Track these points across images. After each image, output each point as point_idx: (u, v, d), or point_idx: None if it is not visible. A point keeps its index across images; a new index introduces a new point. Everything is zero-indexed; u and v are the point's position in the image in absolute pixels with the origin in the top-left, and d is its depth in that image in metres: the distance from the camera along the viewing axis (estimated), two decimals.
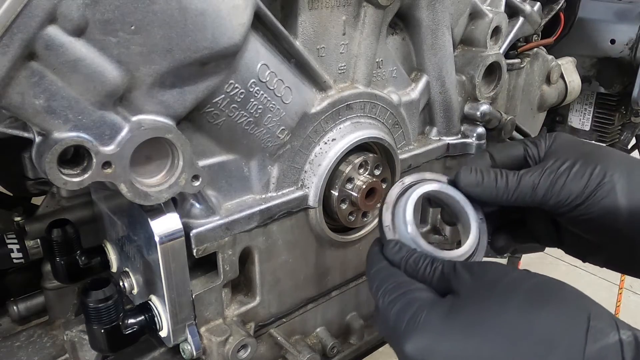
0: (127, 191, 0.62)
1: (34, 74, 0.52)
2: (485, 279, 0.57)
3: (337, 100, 0.82)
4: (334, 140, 0.83)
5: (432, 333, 0.54)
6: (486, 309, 0.53)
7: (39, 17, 0.50)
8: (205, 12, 0.59)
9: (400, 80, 0.94)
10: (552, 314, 0.50)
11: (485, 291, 0.55)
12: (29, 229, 0.85)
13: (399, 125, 0.94)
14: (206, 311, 0.77)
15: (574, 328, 0.48)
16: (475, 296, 0.56)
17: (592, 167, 0.65)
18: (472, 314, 0.54)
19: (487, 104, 1.06)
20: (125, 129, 0.60)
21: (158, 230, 0.67)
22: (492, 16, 1.02)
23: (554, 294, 0.53)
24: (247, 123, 0.72)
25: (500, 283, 0.55)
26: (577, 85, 1.38)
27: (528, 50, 1.23)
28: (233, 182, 0.76)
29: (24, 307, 0.94)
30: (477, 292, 0.56)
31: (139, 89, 0.60)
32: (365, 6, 0.81)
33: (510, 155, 0.72)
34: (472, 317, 0.54)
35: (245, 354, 0.79)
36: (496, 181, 0.67)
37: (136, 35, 0.56)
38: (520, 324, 0.51)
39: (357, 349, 1.03)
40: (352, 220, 0.88)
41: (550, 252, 2.61)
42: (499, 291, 0.54)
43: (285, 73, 0.74)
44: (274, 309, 0.88)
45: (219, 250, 0.75)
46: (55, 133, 0.56)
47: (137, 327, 0.73)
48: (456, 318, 0.54)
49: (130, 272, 0.78)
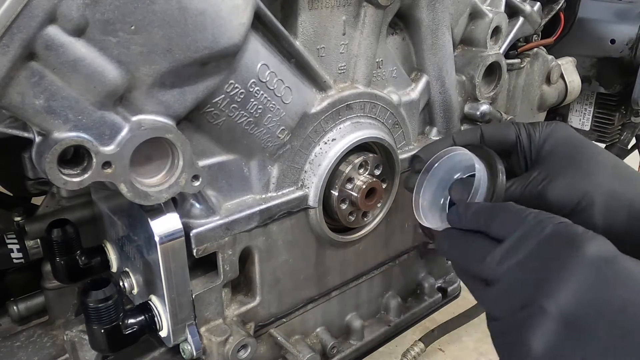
0: (127, 191, 0.62)
1: (34, 74, 0.52)
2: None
3: (337, 100, 0.82)
4: (334, 140, 0.83)
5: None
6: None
7: (39, 17, 0.50)
8: (205, 12, 0.59)
9: (400, 80, 0.94)
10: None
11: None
12: (29, 229, 0.85)
13: (399, 125, 0.94)
14: (206, 311, 0.77)
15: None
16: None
17: (575, 183, 0.65)
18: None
19: (487, 104, 1.06)
20: (125, 129, 0.60)
21: (158, 230, 0.67)
22: (492, 16, 1.02)
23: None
24: (247, 123, 0.72)
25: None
26: (577, 85, 1.37)
27: (528, 50, 1.23)
28: (233, 182, 0.76)
29: (24, 307, 0.94)
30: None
31: (139, 89, 0.60)
32: (365, 6, 0.81)
33: (500, 140, 0.74)
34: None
35: (245, 354, 0.79)
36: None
37: (136, 35, 0.56)
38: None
39: (357, 349, 1.03)
40: (352, 220, 0.88)
41: None
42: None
43: (285, 73, 0.74)
44: (274, 309, 0.88)
45: (219, 250, 0.75)
46: (55, 133, 0.56)
47: (137, 327, 0.73)
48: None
49: (130, 272, 0.78)
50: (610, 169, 0.67)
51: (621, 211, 0.65)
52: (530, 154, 0.73)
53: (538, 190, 0.67)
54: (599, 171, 0.66)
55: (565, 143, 0.71)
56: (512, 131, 0.74)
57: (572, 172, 0.67)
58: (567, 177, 0.66)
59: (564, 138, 0.71)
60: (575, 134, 0.72)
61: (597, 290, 0.48)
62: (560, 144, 0.71)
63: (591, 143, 0.71)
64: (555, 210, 0.64)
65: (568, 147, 0.70)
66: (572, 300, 0.48)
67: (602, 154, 0.69)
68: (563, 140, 0.71)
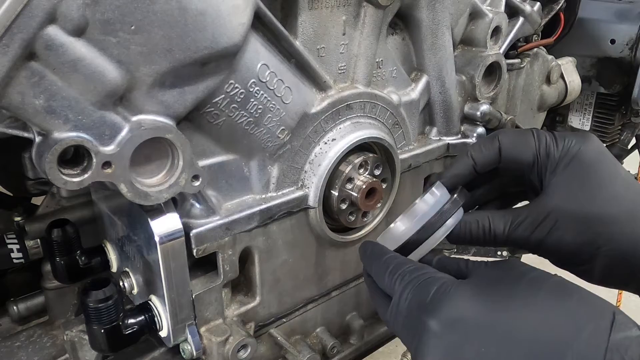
0: (127, 191, 0.62)
1: (34, 74, 0.52)
2: (511, 273, 0.57)
3: (337, 100, 0.82)
4: (334, 140, 0.83)
5: (464, 304, 0.54)
6: (515, 293, 0.54)
7: (39, 17, 0.50)
8: (205, 12, 0.59)
9: (400, 80, 0.94)
10: (582, 302, 0.52)
11: (512, 279, 0.56)
12: (29, 229, 0.85)
13: (399, 125, 0.94)
14: (206, 311, 0.77)
15: (601, 317, 0.50)
16: (501, 283, 0.56)
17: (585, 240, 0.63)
18: (501, 294, 0.55)
19: (487, 104, 1.06)
20: (125, 129, 0.60)
21: (158, 230, 0.67)
22: (492, 16, 1.02)
23: (579, 290, 0.54)
24: (247, 123, 0.72)
25: (527, 275, 0.56)
26: (577, 85, 1.37)
27: (528, 50, 1.23)
28: (233, 182, 0.76)
29: (24, 307, 0.94)
30: (502, 280, 0.57)
31: (139, 89, 0.60)
32: (365, 6, 0.81)
33: (517, 158, 0.68)
34: (502, 295, 0.54)
35: (245, 354, 0.79)
36: (484, 238, 0.67)
37: (136, 35, 0.56)
38: (551, 305, 0.52)
39: (357, 349, 1.03)
40: (352, 220, 0.88)
41: None
42: (527, 281, 0.55)
43: (285, 73, 0.74)
44: (274, 309, 0.88)
45: (219, 250, 0.75)
46: (55, 133, 0.56)
47: (137, 327, 0.73)
48: (487, 294, 0.55)
49: (130, 272, 0.78)
50: (626, 220, 0.62)
51: (622, 272, 0.64)
52: (545, 176, 0.66)
53: (544, 238, 0.64)
54: (611, 226, 0.62)
55: (586, 175, 0.64)
56: (530, 148, 0.67)
57: (584, 223, 0.63)
58: (578, 231, 0.63)
59: (588, 168, 0.64)
60: (600, 159, 0.65)
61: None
62: (579, 174, 0.64)
63: (614, 176, 0.64)
64: (560, 259, 0.66)
65: (587, 183, 0.64)
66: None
67: (621, 199, 0.63)
68: (585, 169, 0.64)
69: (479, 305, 0.54)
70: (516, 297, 0.54)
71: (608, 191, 0.63)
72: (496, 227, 0.66)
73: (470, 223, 0.67)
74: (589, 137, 0.66)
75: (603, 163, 0.65)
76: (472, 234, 0.67)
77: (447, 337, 0.53)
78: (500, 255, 1.51)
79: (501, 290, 0.55)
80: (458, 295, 0.55)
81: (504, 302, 0.54)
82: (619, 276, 0.64)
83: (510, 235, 0.66)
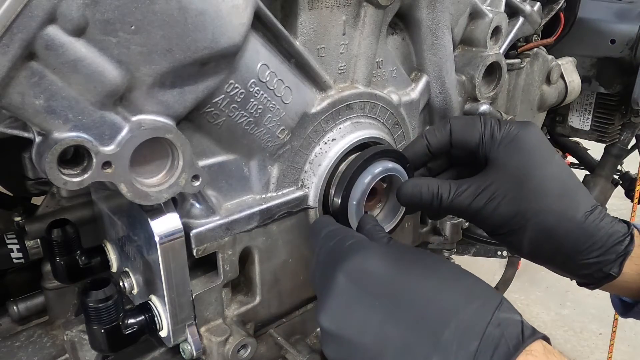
0: (127, 191, 0.62)
1: (34, 74, 0.52)
2: (424, 252, 0.64)
3: (337, 100, 0.82)
4: (334, 140, 0.83)
5: (371, 260, 0.60)
6: (419, 263, 0.60)
7: (39, 17, 0.50)
8: (205, 12, 0.59)
9: (400, 80, 0.94)
10: (477, 283, 0.58)
11: (422, 254, 0.63)
12: (29, 229, 0.85)
13: (399, 125, 0.94)
14: (206, 311, 0.77)
15: (490, 297, 0.55)
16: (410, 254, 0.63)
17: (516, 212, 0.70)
18: (407, 259, 0.61)
19: (487, 104, 1.06)
20: (125, 129, 0.60)
21: (158, 230, 0.67)
22: (492, 16, 1.02)
23: (478, 278, 0.59)
24: (247, 123, 0.72)
25: (437, 256, 0.64)
26: (577, 85, 1.37)
27: (528, 50, 1.23)
28: (233, 182, 0.76)
29: (24, 307, 0.94)
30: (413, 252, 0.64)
31: (139, 89, 0.60)
32: (365, 6, 0.81)
33: (467, 139, 0.76)
34: (407, 260, 0.61)
35: (245, 354, 0.79)
36: (431, 201, 0.74)
37: (136, 35, 0.56)
38: (449, 278, 0.58)
39: None
40: None
41: None
42: (435, 257, 0.63)
43: (285, 73, 0.74)
44: (274, 309, 0.88)
45: (219, 250, 0.75)
46: (55, 133, 0.56)
47: (137, 327, 0.73)
48: (394, 258, 0.61)
49: (130, 272, 0.78)
50: (556, 197, 0.70)
51: (548, 247, 0.71)
52: (489, 154, 0.75)
53: (482, 207, 0.72)
54: (542, 200, 0.70)
55: (523, 154, 0.72)
56: (477, 131, 0.76)
57: (518, 196, 0.71)
58: (512, 203, 0.71)
59: (525, 148, 0.73)
60: (537, 143, 0.73)
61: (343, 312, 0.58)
62: (517, 153, 0.72)
63: (548, 159, 0.73)
64: (494, 228, 0.73)
65: (523, 161, 0.72)
66: (329, 319, 0.59)
67: (553, 179, 0.71)
68: (523, 149, 0.73)
69: (384, 263, 0.59)
70: (419, 265, 0.59)
71: (542, 170, 0.71)
72: (443, 193, 0.73)
73: (421, 186, 0.75)
74: (529, 124, 0.75)
75: (540, 146, 0.73)
76: (422, 196, 0.74)
77: (348, 289, 0.58)
78: (500, 255, 1.51)
79: (407, 256, 0.61)
80: (367, 252, 0.60)
81: (408, 266, 0.59)
82: (546, 250, 0.72)
83: (453, 202, 0.73)
